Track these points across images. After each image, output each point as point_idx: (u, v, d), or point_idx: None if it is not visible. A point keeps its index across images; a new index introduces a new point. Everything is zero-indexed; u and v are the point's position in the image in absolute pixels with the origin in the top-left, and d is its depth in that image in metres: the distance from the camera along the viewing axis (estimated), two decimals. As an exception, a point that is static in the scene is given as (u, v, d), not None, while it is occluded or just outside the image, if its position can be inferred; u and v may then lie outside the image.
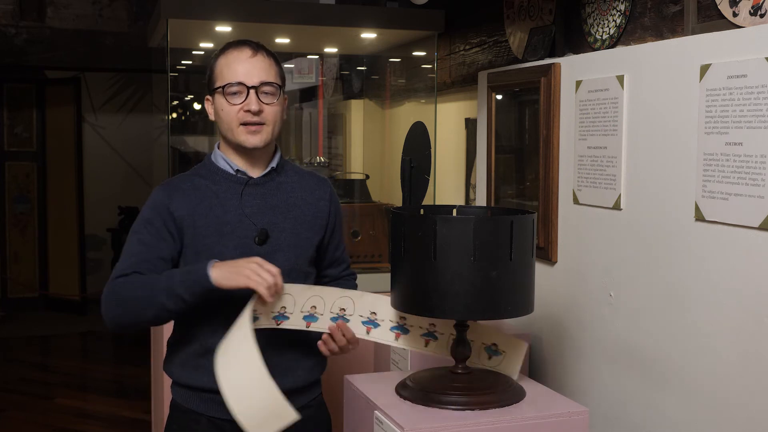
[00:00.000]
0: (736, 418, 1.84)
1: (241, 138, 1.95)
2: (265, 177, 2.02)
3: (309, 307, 1.95)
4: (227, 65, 1.95)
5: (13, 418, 4.92)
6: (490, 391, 1.89)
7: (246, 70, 1.93)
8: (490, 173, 2.93)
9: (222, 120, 1.97)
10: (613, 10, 2.35)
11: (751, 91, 1.76)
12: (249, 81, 1.93)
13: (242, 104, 1.93)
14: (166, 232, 1.93)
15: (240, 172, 2.00)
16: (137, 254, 1.91)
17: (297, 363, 2.01)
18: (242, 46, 1.97)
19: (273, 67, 1.98)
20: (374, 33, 3.55)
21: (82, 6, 5.26)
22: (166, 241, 1.92)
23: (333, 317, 1.96)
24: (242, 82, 1.92)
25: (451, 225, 1.78)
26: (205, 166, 2.04)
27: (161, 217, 1.93)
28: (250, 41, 1.99)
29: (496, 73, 2.89)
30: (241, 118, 1.93)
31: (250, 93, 1.92)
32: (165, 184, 2.01)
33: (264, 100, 1.94)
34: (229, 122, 1.95)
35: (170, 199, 1.95)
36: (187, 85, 4.96)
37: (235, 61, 1.94)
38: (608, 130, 2.26)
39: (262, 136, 1.96)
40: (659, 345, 2.07)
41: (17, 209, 7.82)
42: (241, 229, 1.95)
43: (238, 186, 1.99)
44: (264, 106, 1.94)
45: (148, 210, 1.96)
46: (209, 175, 2.01)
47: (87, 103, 8.01)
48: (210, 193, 1.98)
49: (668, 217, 2.04)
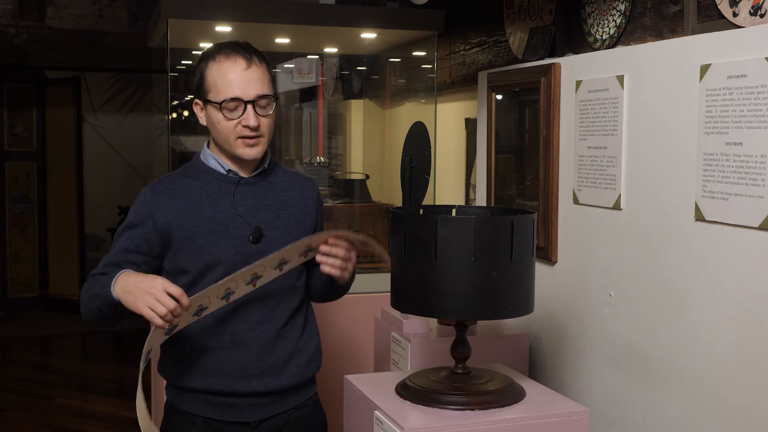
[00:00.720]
0: (736, 418, 1.83)
1: (239, 151, 1.94)
2: (256, 176, 2.02)
3: (224, 290, 1.89)
4: (221, 76, 1.91)
5: (13, 418, 4.92)
6: (490, 391, 1.89)
7: (242, 84, 1.90)
8: (490, 173, 2.93)
9: (219, 132, 1.95)
10: (613, 10, 2.35)
11: (751, 91, 1.76)
12: (246, 95, 1.90)
13: (240, 119, 1.91)
14: (144, 243, 1.94)
15: (231, 171, 2.00)
16: (115, 255, 1.95)
17: (290, 361, 2.00)
18: (235, 56, 1.92)
19: (266, 76, 1.95)
20: (374, 33, 3.55)
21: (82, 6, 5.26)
22: (140, 249, 1.94)
23: (247, 281, 1.89)
24: (239, 97, 1.90)
25: (452, 225, 1.78)
26: (194, 166, 2.03)
27: (144, 226, 1.94)
28: (241, 46, 1.95)
29: (496, 73, 2.89)
30: (239, 132, 1.92)
31: (247, 108, 1.90)
32: (153, 184, 2.00)
33: (260, 113, 1.93)
34: (226, 135, 1.94)
35: (157, 203, 1.95)
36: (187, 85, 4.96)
37: (230, 73, 1.90)
38: (608, 130, 2.26)
39: (260, 148, 1.96)
40: (659, 345, 2.07)
41: (17, 209, 7.82)
42: (235, 229, 1.95)
43: (230, 185, 1.99)
44: (261, 119, 1.93)
45: (133, 213, 1.97)
46: (199, 174, 2.01)
47: (87, 103, 8.01)
48: (200, 193, 1.97)
49: (668, 217, 2.04)
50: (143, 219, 1.95)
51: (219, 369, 1.95)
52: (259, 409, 1.98)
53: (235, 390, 1.95)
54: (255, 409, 1.98)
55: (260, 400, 1.98)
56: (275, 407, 2.00)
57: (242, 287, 1.89)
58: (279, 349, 1.98)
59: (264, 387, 1.96)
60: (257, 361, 1.96)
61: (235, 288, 1.88)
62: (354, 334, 3.05)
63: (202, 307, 1.86)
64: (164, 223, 1.93)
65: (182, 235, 1.93)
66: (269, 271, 1.91)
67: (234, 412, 1.97)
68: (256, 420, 1.98)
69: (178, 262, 1.95)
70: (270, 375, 1.97)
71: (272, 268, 1.91)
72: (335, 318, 2.92)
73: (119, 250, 1.94)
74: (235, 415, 1.97)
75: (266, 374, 1.97)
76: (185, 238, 1.93)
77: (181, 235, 1.93)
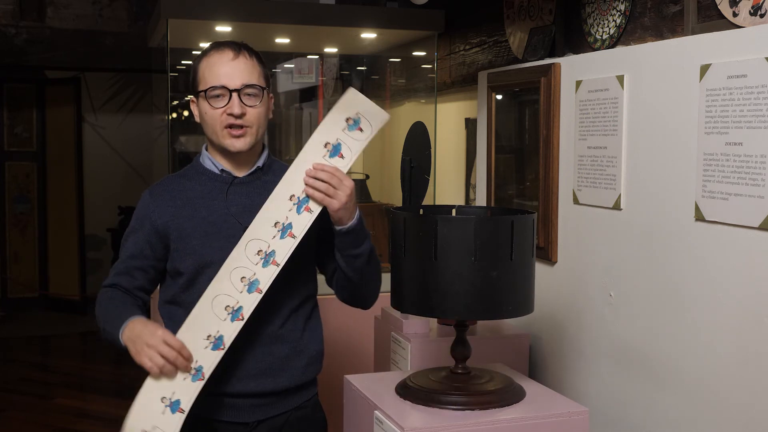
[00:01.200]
0: (736, 417, 1.83)
1: (225, 142, 1.94)
2: (250, 176, 2.01)
3: (215, 304, 1.85)
4: (209, 68, 1.93)
5: (13, 418, 4.92)
6: (490, 391, 1.89)
7: (227, 73, 1.91)
8: (490, 173, 2.93)
9: (207, 123, 1.96)
10: (613, 10, 2.35)
11: (751, 91, 1.76)
12: (231, 84, 1.91)
13: (225, 108, 1.91)
14: (147, 246, 1.97)
15: (225, 172, 2.00)
16: (122, 263, 1.99)
17: (290, 362, 2.00)
18: (224, 48, 1.94)
19: (256, 68, 1.96)
20: (374, 33, 3.55)
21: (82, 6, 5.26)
22: (144, 254, 1.98)
23: (237, 287, 1.84)
24: (224, 86, 1.91)
25: (452, 225, 1.78)
26: (192, 168, 2.05)
27: (143, 229, 1.98)
28: (233, 42, 1.97)
29: (496, 73, 2.89)
30: (224, 121, 1.92)
31: (232, 96, 1.91)
32: (152, 188, 2.04)
33: (247, 102, 1.92)
34: (213, 126, 1.94)
35: (154, 206, 1.98)
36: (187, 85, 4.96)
37: (217, 64, 1.93)
38: (608, 130, 2.26)
39: (247, 139, 1.94)
40: (659, 345, 2.07)
41: (17, 209, 7.82)
42: (227, 229, 1.94)
43: (223, 185, 1.99)
44: (247, 108, 1.92)
45: (135, 218, 2.03)
46: (195, 176, 2.01)
47: (87, 103, 8.01)
48: (195, 194, 1.98)
49: (668, 217, 2.04)
50: (142, 222, 1.98)
51: (217, 370, 1.95)
52: (257, 410, 1.98)
53: (232, 390, 1.95)
54: (253, 410, 1.97)
55: (258, 401, 1.97)
56: (274, 408, 2.00)
57: (239, 295, 1.84)
58: (278, 351, 1.98)
59: (262, 388, 1.96)
60: (255, 362, 1.95)
61: (232, 300, 1.84)
62: (354, 334, 3.05)
63: (214, 336, 1.84)
64: (162, 224, 1.95)
65: (177, 237, 1.94)
66: (251, 260, 1.84)
67: (232, 413, 1.96)
68: (254, 420, 1.98)
69: (174, 263, 1.96)
70: (268, 376, 1.96)
71: (252, 255, 1.84)
72: (335, 318, 2.92)
73: (125, 257, 1.99)
74: (233, 415, 1.97)
75: (264, 375, 1.96)
76: (180, 239, 1.94)
77: (177, 236, 1.94)
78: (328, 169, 1.84)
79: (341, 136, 1.87)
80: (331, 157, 1.87)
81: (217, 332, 1.84)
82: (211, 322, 1.84)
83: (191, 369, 1.82)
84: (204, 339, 1.83)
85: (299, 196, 1.87)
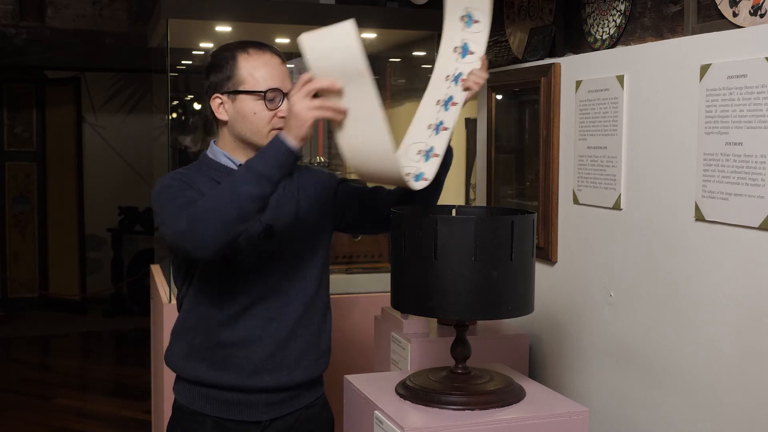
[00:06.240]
0: (736, 417, 1.84)
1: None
2: None
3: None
4: (261, 67, 1.94)
5: (13, 418, 4.92)
6: (490, 391, 1.89)
7: (281, 76, 1.96)
8: (490, 173, 2.93)
9: (250, 122, 1.94)
10: (613, 10, 2.35)
11: (751, 91, 1.76)
12: (284, 88, 1.95)
13: (277, 110, 1.94)
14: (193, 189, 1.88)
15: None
16: (187, 196, 1.83)
17: (303, 356, 2.01)
18: (266, 51, 1.97)
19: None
20: (374, 33, 3.55)
21: (82, 6, 5.27)
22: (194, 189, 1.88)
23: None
24: (280, 89, 1.94)
25: (452, 225, 1.78)
26: (205, 163, 2.01)
27: (187, 182, 1.90)
28: (268, 45, 2.01)
29: (496, 73, 2.89)
30: (275, 123, 1.94)
31: (284, 100, 1.94)
32: (175, 171, 1.98)
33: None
34: (259, 126, 1.94)
35: (194, 181, 1.91)
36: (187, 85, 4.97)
37: (268, 65, 1.95)
38: (608, 130, 2.26)
39: None
40: (659, 345, 2.07)
41: (17, 209, 7.83)
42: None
43: None
44: None
45: (178, 181, 1.90)
46: (211, 171, 2.00)
47: (87, 103, 8.02)
48: (215, 186, 1.97)
49: (668, 217, 2.04)
50: (191, 184, 1.89)
51: (232, 364, 1.95)
52: (270, 408, 1.99)
53: (247, 385, 1.95)
54: (266, 408, 1.98)
55: (271, 398, 1.98)
56: (286, 406, 2.01)
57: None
58: (293, 345, 1.99)
59: (276, 383, 1.97)
60: (271, 357, 1.96)
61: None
62: (354, 334, 3.05)
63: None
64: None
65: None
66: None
67: (245, 411, 1.97)
68: (266, 419, 1.99)
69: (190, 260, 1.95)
70: (283, 370, 1.98)
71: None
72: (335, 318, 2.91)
73: (187, 193, 1.85)
74: (246, 414, 1.97)
75: (279, 369, 1.97)
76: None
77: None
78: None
79: (464, 36, 1.96)
80: (464, 57, 1.94)
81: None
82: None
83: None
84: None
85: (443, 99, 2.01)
